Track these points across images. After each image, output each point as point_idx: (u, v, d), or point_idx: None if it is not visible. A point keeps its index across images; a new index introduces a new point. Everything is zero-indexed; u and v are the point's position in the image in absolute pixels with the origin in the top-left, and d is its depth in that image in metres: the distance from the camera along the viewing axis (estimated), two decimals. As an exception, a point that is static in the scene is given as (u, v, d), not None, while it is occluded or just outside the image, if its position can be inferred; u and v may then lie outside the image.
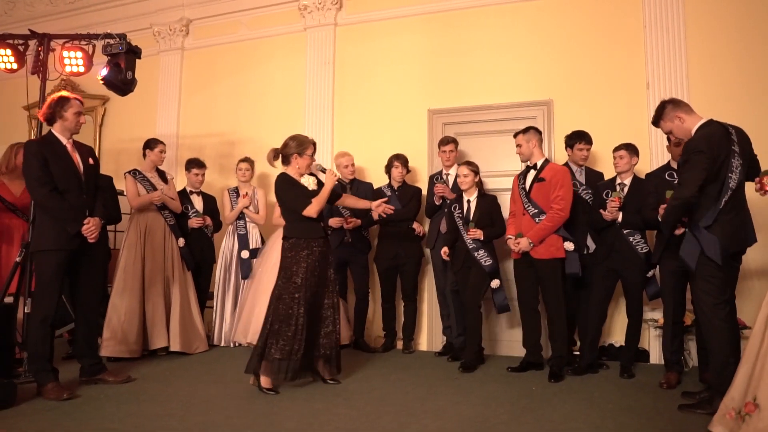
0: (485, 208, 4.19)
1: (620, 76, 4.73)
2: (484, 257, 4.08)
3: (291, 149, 3.59)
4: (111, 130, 6.51)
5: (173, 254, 4.52)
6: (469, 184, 4.22)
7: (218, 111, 6.01)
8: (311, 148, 3.61)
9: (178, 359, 4.29)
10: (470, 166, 4.23)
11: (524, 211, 4.00)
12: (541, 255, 3.89)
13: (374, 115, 5.39)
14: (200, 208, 4.92)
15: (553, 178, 3.92)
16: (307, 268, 3.43)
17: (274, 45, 5.86)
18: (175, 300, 4.44)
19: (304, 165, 3.59)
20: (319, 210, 3.49)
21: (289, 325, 3.36)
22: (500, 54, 5.06)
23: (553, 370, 3.80)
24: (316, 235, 3.51)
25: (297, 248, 3.45)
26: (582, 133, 4.26)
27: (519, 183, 4.11)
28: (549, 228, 3.87)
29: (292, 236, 3.50)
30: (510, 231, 4.09)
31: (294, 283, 3.41)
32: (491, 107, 5.03)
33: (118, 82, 3.56)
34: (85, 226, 3.31)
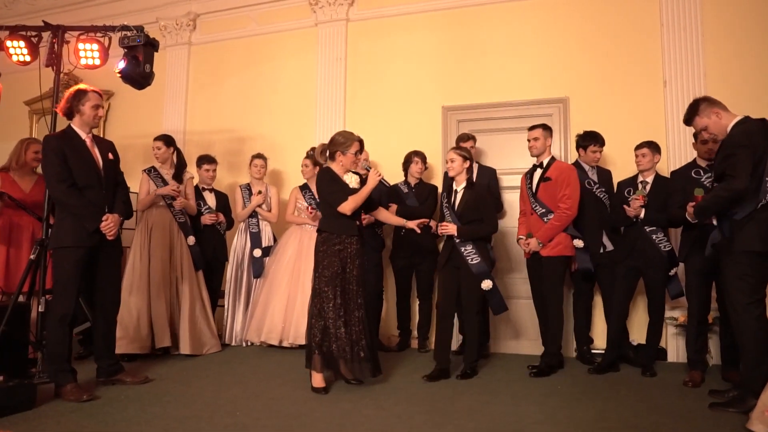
0: (472, 200, 3.73)
1: (637, 74, 4.72)
2: (471, 255, 3.67)
3: (335, 146, 3.55)
4: (115, 126, 6.40)
5: (182, 253, 4.42)
6: (457, 171, 3.76)
7: (227, 107, 5.93)
8: (355, 146, 3.54)
9: (192, 360, 4.21)
10: (459, 150, 3.82)
11: (532, 211, 4.00)
12: (548, 253, 3.92)
13: (387, 112, 5.34)
14: (213, 204, 4.85)
15: (559, 177, 3.91)
16: (339, 263, 3.39)
17: (285, 41, 5.78)
18: (184, 300, 4.34)
19: (348, 162, 3.53)
20: (354, 208, 3.41)
21: (322, 319, 3.35)
22: (515, 51, 5.03)
23: (541, 368, 3.86)
24: (350, 233, 3.45)
25: (329, 243, 3.42)
26: (595, 135, 4.24)
27: (526, 182, 4.09)
28: (557, 227, 3.89)
29: (325, 230, 3.47)
30: (521, 231, 4.09)
31: (324, 277, 3.38)
32: (506, 104, 4.99)
33: (137, 75, 3.48)
34: (103, 223, 3.23)
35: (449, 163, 3.77)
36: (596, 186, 4.18)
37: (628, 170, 4.47)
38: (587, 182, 4.18)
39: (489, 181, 4.54)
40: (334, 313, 3.35)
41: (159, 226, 4.40)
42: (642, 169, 3.96)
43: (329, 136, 5.41)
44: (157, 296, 4.26)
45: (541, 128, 4.05)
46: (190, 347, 4.29)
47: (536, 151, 4.05)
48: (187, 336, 4.29)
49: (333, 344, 3.33)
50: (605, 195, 4.17)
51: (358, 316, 3.43)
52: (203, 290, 4.51)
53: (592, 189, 4.17)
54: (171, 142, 4.61)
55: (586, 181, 4.17)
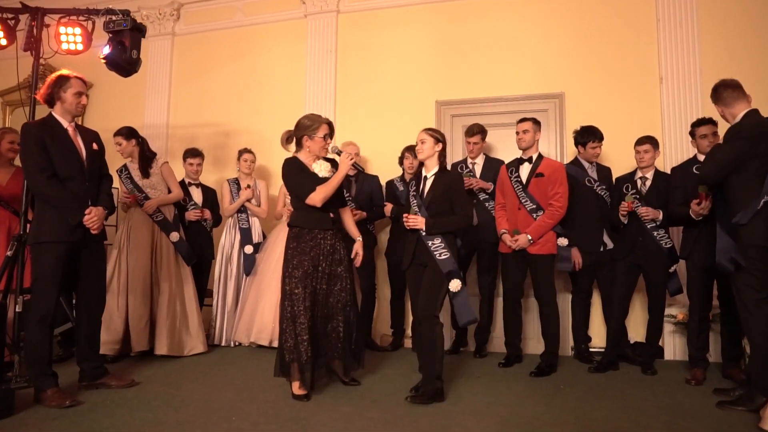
0: (442, 188, 3.20)
1: (633, 69, 4.67)
2: (439, 249, 3.13)
3: (301, 130, 3.24)
4: (95, 119, 6.12)
5: (162, 251, 4.21)
6: (427, 154, 3.23)
7: (212, 100, 5.74)
8: (324, 128, 3.21)
9: (177, 361, 4.02)
10: (431, 131, 3.29)
11: (520, 206, 3.91)
12: (538, 250, 3.84)
13: (379, 107, 5.21)
14: (199, 200, 4.67)
15: (552, 175, 3.87)
16: (310, 261, 3.10)
17: (273, 32, 5.62)
18: (162, 299, 4.14)
19: (316, 148, 3.21)
20: (324, 198, 3.10)
21: (294, 323, 3.07)
22: (511, 45, 4.95)
23: (541, 366, 3.79)
24: (323, 226, 3.17)
25: (300, 239, 3.14)
26: (593, 130, 4.16)
27: (510, 175, 3.99)
28: (549, 225, 3.84)
29: (295, 225, 3.19)
30: (503, 225, 3.98)
31: (294, 278, 3.09)
32: (501, 99, 4.91)
33: (123, 61, 3.29)
34: (87, 217, 3.05)
35: (419, 144, 3.28)
36: (597, 183, 4.12)
37: (624, 166, 4.42)
38: (587, 180, 4.11)
39: (494, 175, 4.40)
40: (306, 316, 3.06)
41: (140, 224, 4.19)
42: (643, 166, 3.90)
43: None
44: (137, 297, 4.05)
45: (531, 121, 3.99)
46: (167, 347, 4.09)
47: (525, 143, 3.97)
48: (164, 335, 4.09)
49: (309, 348, 3.05)
50: (606, 192, 4.10)
51: (338, 313, 3.21)
52: (187, 288, 4.30)
53: (592, 186, 4.11)
54: (132, 135, 4.37)
55: (586, 179, 4.11)
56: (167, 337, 4.10)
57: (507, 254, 4.00)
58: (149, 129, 5.80)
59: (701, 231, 3.46)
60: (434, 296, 3.08)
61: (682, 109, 4.52)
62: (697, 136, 3.70)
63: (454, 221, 3.18)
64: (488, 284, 4.39)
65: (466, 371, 3.82)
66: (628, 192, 3.91)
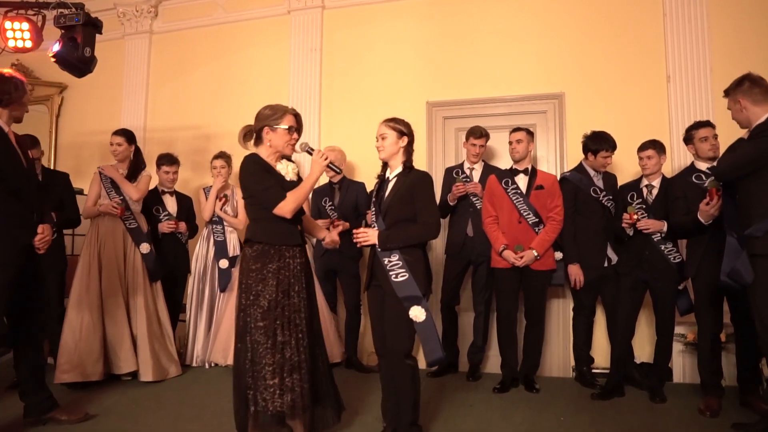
0: (403, 191, 2.63)
1: (638, 67, 4.34)
2: (395, 269, 2.55)
3: (261, 120, 2.65)
4: (69, 122, 5.84)
5: (135, 263, 3.89)
6: (389, 152, 2.68)
7: (191, 102, 5.42)
8: (288, 119, 2.63)
9: (146, 387, 3.70)
10: (393, 122, 2.71)
11: (520, 219, 3.67)
12: (540, 266, 3.64)
13: (366, 108, 4.88)
14: (173, 209, 4.34)
15: (552, 187, 3.71)
16: (278, 286, 2.51)
17: (255, 29, 5.30)
18: (140, 319, 3.81)
19: (279, 142, 2.61)
20: (296, 208, 2.53)
21: (257, 365, 2.46)
22: (507, 42, 4.62)
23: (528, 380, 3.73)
24: (292, 242, 2.58)
25: (264, 259, 2.52)
26: (607, 138, 3.81)
27: (506, 186, 3.73)
28: (552, 239, 3.67)
29: (258, 240, 2.56)
30: (500, 239, 3.68)
31: (259, 309, 2.49)
32: (497, 100, 4.58)
33: (74, 59, 2.98)
34: (39, 236, 2.74)
35: (379, 140, 2.71)
36: (603, 194, 3.79)
37: (628, 173, 4.12)
38: (593, 190, 3.79)
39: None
40: (274, 356, 2.44)
41: (111, 234, 3.87)
42: (648, 173, 3.58)
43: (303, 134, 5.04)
44: (110, 312, 3.74)
45: (525, 131, 3.80)
46: (153, 373, 3.77)
47: (518, 155, 3.77)
48: (149, 359, 3.77)
49: (276, 398, 2.42)
50: (612, 203, 3.78)
51: (317, 355, 2.63)
52: (160, 305, 3.99)
53: (598, 197, 3.78)
54: (133, 139, 4.09)
55: (591, 189, 3.78)
56: (151, 361, 3.78)
57: (501, 270, 3.71)
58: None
59: (709, 246, 3.15)
60: (400, 330, 2.54)
61: (691, 109, 4.19)
62: (695, 140, 3.40)
63: (412, 232, 2.58)
64: (484, 301, 4.06)
65: (456, 397, 3.51)
66: (632, 201, 3.60)
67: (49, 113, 5.82)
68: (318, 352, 2.66)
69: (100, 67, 5.76)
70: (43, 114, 5.84)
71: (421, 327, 2.54)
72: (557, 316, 4.28)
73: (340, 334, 4.42)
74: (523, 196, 3.70)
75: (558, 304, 4.29)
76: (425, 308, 2.54)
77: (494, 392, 3.64)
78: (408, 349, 2.57)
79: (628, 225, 3.48)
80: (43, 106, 5.85)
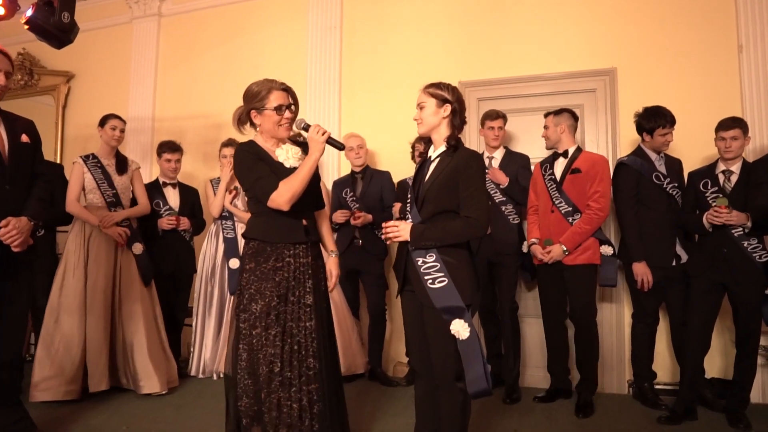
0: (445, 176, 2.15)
1: (704, 36, 3.75)
2: (432, 273, 2.09)
3: (247, 102, 2.35)
4: (76, 113, 5.50)
5: (129, 265, 3.50)
6: (429, 125, 2.23)
7: (202, 89, 5.01)
8: (277, 96, 2.27)
9: (141, 402, 3.30)
10: (433, 88, 2.27)
11: (553, 208, 3.21)
12: (575, 260, 3.16)
13: (391, 91, 4.40)
14: (175, 203, 3.93)
15: (591, 170, 3.16)
16: (275, 289, 2.18)
17: (269, 8, 4.86)
18: (138, 327, 3.41)
19: (268, 125, 2.28)
20: (292, 198, 2.16)
21: (252, 377, 2.15)
22: (549, 12, 4.08)
23: (581, 402, 3.18)
24: (292, 239, 2.25)
25: (260, 257, 2.22)
26: (663, 112, 3.29)
27: (544, 172, 3.30)
28: (587, 231, 3.13)
29: (254, 237, 2.27)
30: (534, 233, 3.28)
31: (252, 314, 2.17)
32: (538, 78, 4.05)
33: (51, 26, 2.57)
34: (2, 230, 2.34)
35: (417, 111, 2.25)
36: (667, 181, 3.24)
37: (694, 158, 3.56)
38: (655, 176, 3.24)
39: (518, 169, 3.60)
40: (270, 367, 2.13)
41: (99, 231, 3.46)
42: (729, 157, 3.01)
43: (321, 120, 4.57)
44: (96, 323, 3.33)
45: (551, 115, 3.41)
46: (159, 384, 3.38)
47: (549, 142, 3.43)
48: (149, 371, 3.38)
49: (272, 413, 2.12)
50: (678, 192, 3.23)
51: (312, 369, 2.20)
52: (158, 312, 3.59)
53: (662, 185, 3.24)
54: None
55: (654, 175, 3.24)
56: (152, 372, 3.38)
57: (541, 267, 3.29)
58: (134, 122, 5.12)
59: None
60: (446, 347, 2.06)
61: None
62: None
63: (452, 228, 2.09)
64: (509, 308, 3.52)
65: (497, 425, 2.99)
66: (707, 190, 3.04)
67: (55, 104, 5.50)
68: (322, 366, 2.22)
69: (108, 54, 5.53)
70: (49, 106, 5.53)
71: (463, 347, 2.03)
72: (610, 322, 3.73)
73: (363, 342, 3.95)
74: (556, 182, 3.26)
75: (611, 308, 3.75)
76: (469, 324, 2.04)
77: (535, 401, 3.25)
78: (458, 371, 2.07)
79: (721, 222, 2.89)
80: (50, 97, 5.54)
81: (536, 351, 3.84)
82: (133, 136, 5.09)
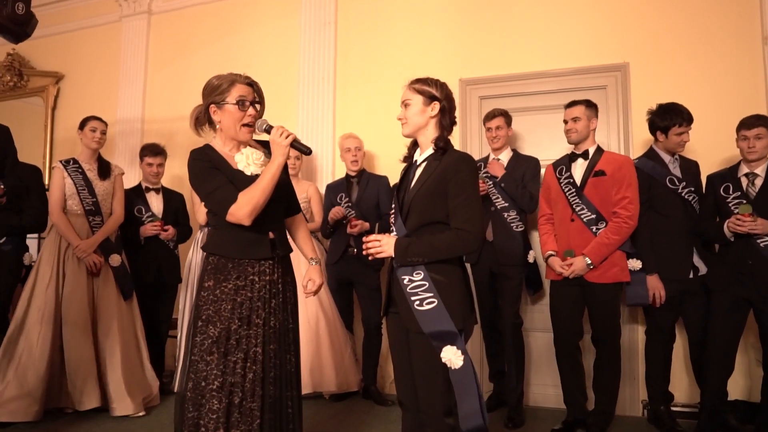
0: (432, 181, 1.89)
1: (724, 27, 3.47)
2: (419, 293, 1.84)
3: (206, 96, 2.07)
4: (66, 115, 5.30)
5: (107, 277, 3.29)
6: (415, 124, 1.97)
7: (192, 89, 4.64)
8: (240, 89, 2.02)
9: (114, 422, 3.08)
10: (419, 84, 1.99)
11: (573, 216, 2.88)
12: (599, 277, 2.80)
13: (387, 89, 4.13)
14: (159, 210, 3.72)
15: (618, 173, 2.82)
16: (234, 311, 1.93)
17: (263, 4, 4.64)
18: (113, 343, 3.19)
19: (229, 122, 2.01)
20: (253, 211, 1.90)
21: (198, 409, 1.88)
22: (556, 3, 3.81)
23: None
24: (258, 255, 2.00)
25: (219, 275, 1.96)
26: (679, 109, 3.01)
27: (560, 175, 2.97)
28: (615, 243, 2.79)
29: (213, 252, 2.01)
30: (550, 244, 2.96)
31: (207, 338, 1.91)
32: (544, 75, 3.78)
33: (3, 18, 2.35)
34: None
35: (402, 109, 2.00)
36: (682, 185, 2.95)
37: (713, 160, 3.27)
38: (669, 179, 2.96)
39: (524, 172, 3.33)
40: (223, 400, 1.86)
41: None
42: (753, 158, 2.73)
43: (315, 120, 4.35)
44: (73, 339, 3.11)
45: (583, 105, 2.98)
46: (133, 405, 3.15)
47: (576, 136, 2.98)
48: (123, 390, 3.16)
49: None
50: (694, 197, 2.95)
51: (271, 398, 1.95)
52: (138, 326, 3.38)
53: (676, 189, 2.96)
54: None
55: (667, 179, 2.96)
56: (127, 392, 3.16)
57: (556, 282, 2.95)
58: (123, 125, 4.96)
59: None
60: (433, 379, 1.82)
61: (795, 79, 3.31)
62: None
63: (440, 242, 1.82)
64: (511, 324, 3.23)
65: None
66: (728, 195, 2.76)
67: (44, 105, 5.33)
68: (281, 394, 1.99)
69: (97, 53, 5.34)
70: (38, 107, 5.36)
71: (456, 377, 1.78)
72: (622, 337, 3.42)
73: (357, 357, 3.71)
74: (576, 187, 2.92)
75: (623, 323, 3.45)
76: (463, 350, 1.79)
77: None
78: (447, 405, 1.83)
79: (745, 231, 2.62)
80: (39, 98, 5.37)
81: (543, 367, 3.58)
82: (121, 139, 4.91)
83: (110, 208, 3.44)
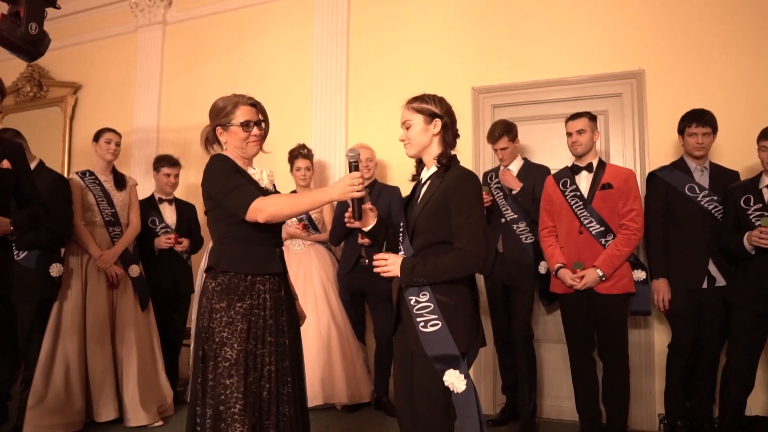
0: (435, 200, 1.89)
1: (745, 31, 3.38)
2: (424, 312, 1.82)
3: (213, 118, 2.12)
4: (84, 125, 5.37)
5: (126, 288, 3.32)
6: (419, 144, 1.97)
7: (206, 98, 4.64)
8: (245, 112, 2.05)
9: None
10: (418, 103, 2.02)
11: (581, 228, 2.86)
12: (609, 288, 2.80)
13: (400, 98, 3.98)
14: (172, 221, 3.75)
15: (624, 186, 2.83)
16: (249, 331, 1.92)
17: (275, 13, 4.66)
18: (131, 355, 3.23)
19: (236, 142, 2.05)
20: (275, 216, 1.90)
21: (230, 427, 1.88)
22: (570, 11, 3.76)
23: None
24: (270, 270, 2.00)
25: (232, 296, 1.93)
26: (696, 112, 2.98)
27: (564, 188, 2.95)
28: (625, 254, 2.80)
29: (224, 269, 1.97)
30: (556, 257, 2.92)
31: (225, 360, 1.90)
32: (557, 82, 3.73)
33: (17, 38, 2.38)
34: None
35: (403, 131, 2.00)
36: (703, 193, 2.89)
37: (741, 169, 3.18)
38: (689, 187, 2.91)
39: (535, 183, 3.29)
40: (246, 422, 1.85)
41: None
42: (773, 169, 2.67)
43: (327, 129, 4.34)
44: (96, 351, 3.16)
45: (586, 117, 2.98)
46: (148, 416, 3.19)
47: (581, 148, 2.97)
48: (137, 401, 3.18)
49: None
50: (717, 207, 2.88)
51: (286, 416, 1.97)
52: (155, 338, 3.41)
53: (696, 197, 2.90)
54: None
55: (687, 186, 2.90)
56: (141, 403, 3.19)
57: (565, 295, 2.93)
58: (138, 134, 5.01)
59: None
60: (434, 403, 1.81)
61: (820, 86, 3.22)
62: None
63: (444, 264, 1.80)
64: (523, 336, 3.20)
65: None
66: (749, 207, 2.69)
67: (63, 115, 5.41)
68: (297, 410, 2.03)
69: (114, 64, 5.40)
70: (56, 117, 5.45)
71: (459, 401, 1.77)
72: (638, 348, 3.38)
73: (369, 368, 3.70)
74: (584, 200, 2.90)
75: (639, 334, 3.40)
76: (465, 375, 1.77)
77: None
78: (445, 429, 1.82)
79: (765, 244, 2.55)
80: (58, 108, 5.46)
81: (557, 379, 3.53)
82: (138, 148, 4.96)
83: (127, 218, 3.47)
